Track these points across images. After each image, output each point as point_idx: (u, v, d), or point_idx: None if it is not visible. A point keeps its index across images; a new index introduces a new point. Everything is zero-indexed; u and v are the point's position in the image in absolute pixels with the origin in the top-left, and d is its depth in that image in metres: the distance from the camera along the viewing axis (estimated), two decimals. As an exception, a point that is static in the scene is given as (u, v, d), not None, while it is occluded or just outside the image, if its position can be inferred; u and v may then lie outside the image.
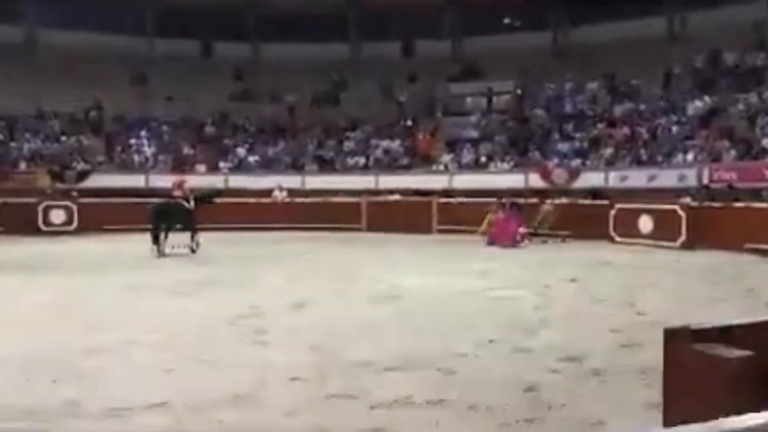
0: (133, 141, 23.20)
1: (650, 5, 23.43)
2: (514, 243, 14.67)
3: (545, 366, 5.19)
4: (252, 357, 5.49)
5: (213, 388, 4.62)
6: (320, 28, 27.37)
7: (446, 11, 26.83)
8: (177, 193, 14.08)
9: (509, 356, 5.55)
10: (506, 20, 27.57)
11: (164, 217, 13.43)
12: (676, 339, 1.83)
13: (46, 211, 18.75)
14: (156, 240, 13.14)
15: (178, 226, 13.45)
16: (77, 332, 6.29)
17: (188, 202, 13.84)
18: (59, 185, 20.72)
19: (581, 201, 16.95)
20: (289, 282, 9.57)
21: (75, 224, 18.69)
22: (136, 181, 21.54)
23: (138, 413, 4.18)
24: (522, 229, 15.09)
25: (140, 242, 13.47)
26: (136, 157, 22.64)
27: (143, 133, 23.50)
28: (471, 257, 12.66)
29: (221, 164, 22.73)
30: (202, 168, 22.60)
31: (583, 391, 4.59)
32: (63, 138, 22.64)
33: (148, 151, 22.91)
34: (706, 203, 15.04)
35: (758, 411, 1.24)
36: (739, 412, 1.24)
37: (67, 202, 19.16)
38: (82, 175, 21.26)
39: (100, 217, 18.53)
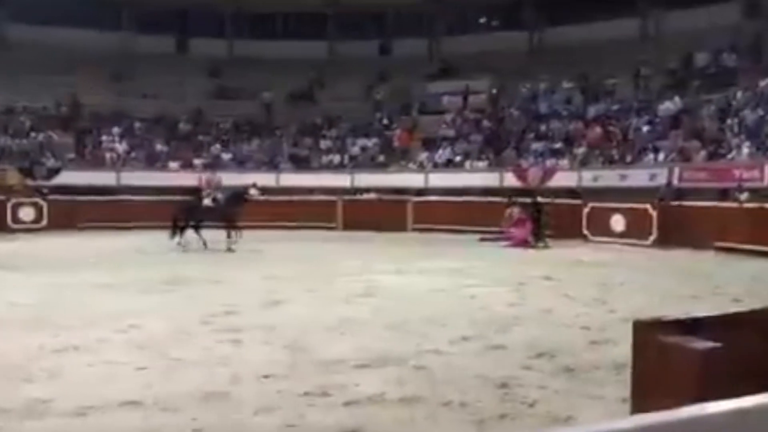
0: (104, 138, 22.86)
1: (624, 7, 23.72)
2: (526, 245, 14.40)
3: (518, 363, 5.24)
4: (226, 355, 5.45)
5: (186, 386, 4.58)
6: (298, 26, 27.26)
7: (424, 11, 26.87)
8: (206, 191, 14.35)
9: (483, 353, 5.59)
10: (482, 20, 27.71)
11: (186, 214, 13.75)
12: (645, 331, 1.86)
13: (15, 208, 18.42)
14: (174, 234, 13.46)
15: (203, 222, 13.70)
16: (49, 331, 6.19)
17: (208, 199, 13.86)
18: (29, 182, 20.36)
19: (555, 200, 17.07)
20: (264, 280, 9.52)
21: (45, 222, 18.40)
22: (107, 178, 21.24)
23: (109, 411, 4.13)
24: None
25: (112, 240, 13.31)
26: (107, 155, 22.32)
27: (115, 129, 23.18)
28: (446, 255, 12.70)
29: (195, 161, 22.51)
30: (175, 165, 22.37)
31: (556, 387, 4.63)
32: (33, 134, 22.23)
33: (120, 148, 22.59)
34: (676, 202, 15.27)
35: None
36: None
37: (37, 200, 18.85)
38: (52, 172, 20.90)
39: (71, 214, 18.26)
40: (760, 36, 20.13)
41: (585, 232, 15.50)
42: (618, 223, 15.05)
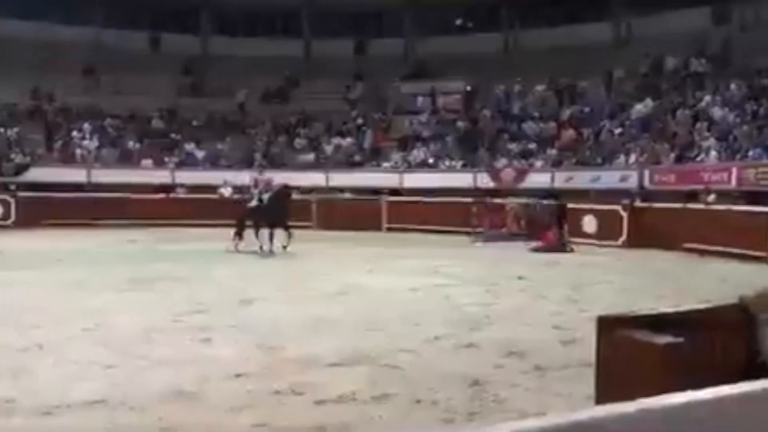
0: (75, 134, 22.49)
1: (598, 11, 24.03)
2: (556, 247, 13.94)
3: (490, 361, 5.27)
4: (196, 353, 5.40)
5: (154, 385, 4.52)
6: (273, 24, 27.11)
7: (399, 11, 26.90)
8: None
9: (455, 352, 5.61)
10: (458, 22, 27.83)
11: (251, 215, 13.58)
12: (609, 326, 1.88)
13: (-18, 205, 18.08)
14: (241, 237, 13.35)
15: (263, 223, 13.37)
16: (15, 329, 6.07)
17: (255, 200, 13.73)
18: (-4, 178, 19.98)
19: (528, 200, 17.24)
20: (238, 279, 9.46)
21: (12, 219, 18.08)
22: (77, 175, 20.88)
23: (74, 410, 4.06)
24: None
25: (82, 238, 13.11)
26: (78, 151, 21.95)
27: (86, 126, 22.81)
28: (420, 255, 12.73)
29: (167, 159, 22.28)
30: (147, 162, 22.10)
31: (526, 386, 4.67)
32: (1, 130, 21.78)
33: (91, 144, 22.24)
34: (644, 204, 15.49)
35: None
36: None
37: (5, 196, 18.51)
38: (21, 169, 20.50)
39: (39, 211, 17.95)
40: (728, 41, 20.52)
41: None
42: (590, 224, 15.23)
